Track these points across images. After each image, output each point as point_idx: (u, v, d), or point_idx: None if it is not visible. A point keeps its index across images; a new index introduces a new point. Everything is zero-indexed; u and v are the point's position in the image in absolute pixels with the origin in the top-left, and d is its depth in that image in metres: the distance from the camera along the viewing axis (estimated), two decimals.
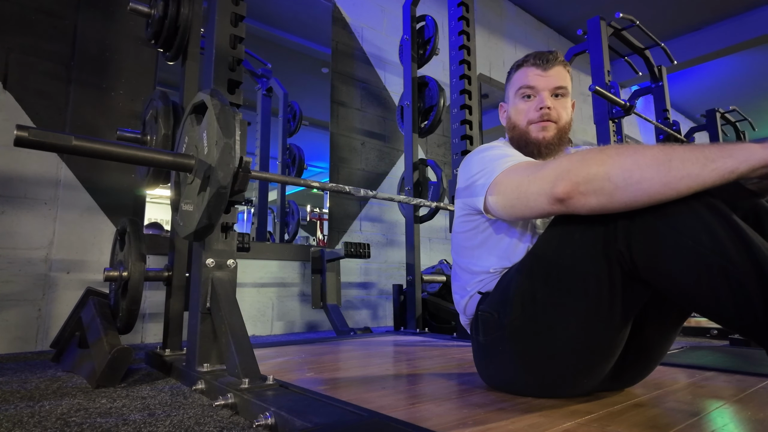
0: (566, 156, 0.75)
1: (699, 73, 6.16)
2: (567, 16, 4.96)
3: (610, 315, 0.76)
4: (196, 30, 1.61)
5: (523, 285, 0.85)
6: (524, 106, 1.03)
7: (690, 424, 0.73)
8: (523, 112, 1.03)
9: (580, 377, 0.84)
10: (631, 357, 0.88)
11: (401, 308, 2.43)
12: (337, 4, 3.21)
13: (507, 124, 1.09)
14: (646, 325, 0.86)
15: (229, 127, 1.03)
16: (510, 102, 1.08)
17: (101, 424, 0.90)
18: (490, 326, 0.91)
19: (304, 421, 0.77)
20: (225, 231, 1.28)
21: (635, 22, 2.75)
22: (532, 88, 1.02)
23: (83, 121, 2.03)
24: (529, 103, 1.03)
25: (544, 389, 0.89)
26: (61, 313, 1.87)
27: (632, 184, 0.65)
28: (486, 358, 0.95)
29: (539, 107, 1.00)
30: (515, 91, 1.05)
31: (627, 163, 0.66)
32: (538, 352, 0.83)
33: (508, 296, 0.87)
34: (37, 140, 0.90)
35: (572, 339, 0.79)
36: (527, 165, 0.84)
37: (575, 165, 0.71)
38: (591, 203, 0.70)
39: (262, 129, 3.34)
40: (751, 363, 1.31)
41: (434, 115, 2.51)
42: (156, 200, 3.73)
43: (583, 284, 0.76)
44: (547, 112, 1.00)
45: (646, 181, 0.64)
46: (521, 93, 1.03)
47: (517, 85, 1.04)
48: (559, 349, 0.81)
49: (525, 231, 0.96)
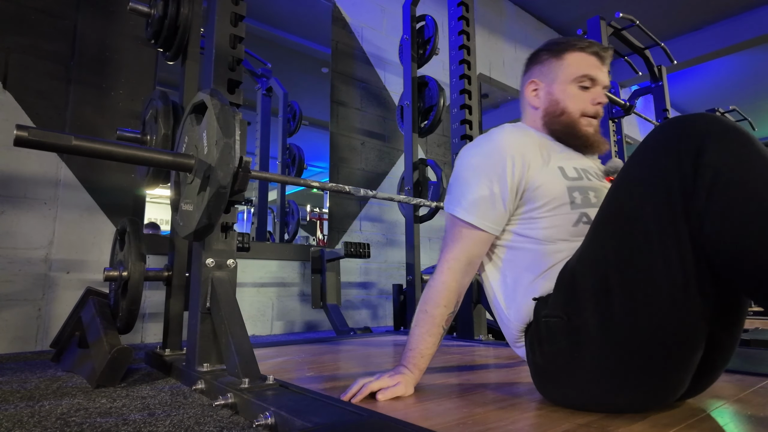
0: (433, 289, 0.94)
1: (699, 73, 6.16)
2: (567, 16, 4.96)
3: (688, 293, 0.66)
4: (196, 30, 1.61)
5: (591, 274, 0.74)
6: (580, 93, 0.98)
7: (690, 424, 0.73)
8: (580, 100, 0.98)
9: (672, 378, 0.72)
10: (707, 355, 0.74)
11: (401, 308, 2.43)
12: (337, 4, 3.21)
13: (547, 105, 1.00)
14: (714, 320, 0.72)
15: (229, 127, 1.03)
16: (558, 83, 1.00)
17: (101, 423, 0.90)
18: (559, 333, 0.78)
19: (304, 421, 0.77)
20: (225, 231, 1.28)
21: (635, 22, 2.75)
22: (594, 80, 0.98)
23: (83, 121, 2.03)
24: (586, 93, 0.98)
25: (635, 397, 0.76)
26: (61, 313, 1.87)
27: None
28: (558, 373, 0.81)
29: (596, 101, 0.98)
30: (572, 76, 0.98)
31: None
32: (623, 351, 0.71)
33: (575, 292, 0.76)
34: (37, 140, 0.90)
35: (658, 328, 0.68)
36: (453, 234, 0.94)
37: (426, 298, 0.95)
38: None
39: (262, 129, 3.34)
40: (751, 363, 1.31)
41: (434, 114, 2.51)
42: (156, 200, 3.73)
43: (660, 259, 0.66)
44: (600, 110, 0.98)
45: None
46: (580, 81, 0.98)
47: (575, 70, 0.98)
48: (646, 342, 0.69)
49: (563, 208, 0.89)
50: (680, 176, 0.64)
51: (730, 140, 0.63)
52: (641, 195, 0.69)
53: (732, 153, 0.62)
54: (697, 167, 0.63)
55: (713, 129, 0.64)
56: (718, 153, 0.62)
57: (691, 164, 0.64)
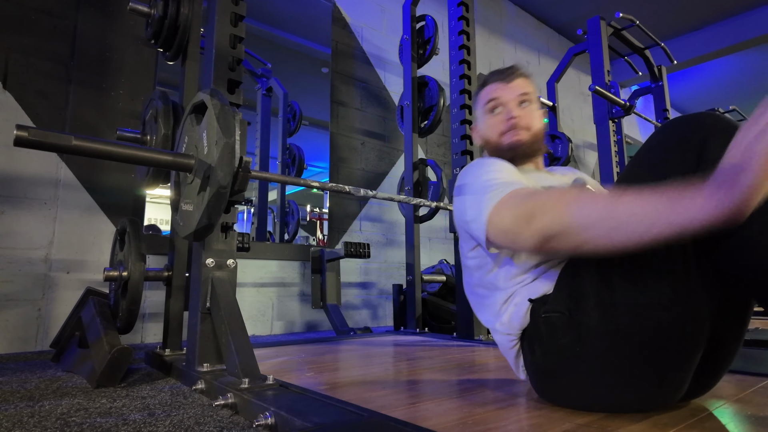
0: (544, 198, 0.73)
1: (699, 73, 6.16)
2: (567, 16, 4.96)
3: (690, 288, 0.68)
4: (196, 30, 1.61)
5: (594, 268, 0.75)
6: (494, 120, 1.04)
7: (690, 424, 0.73)
8: (494, 125, 1.04)
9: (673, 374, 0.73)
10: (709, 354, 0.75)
11: (401, 308, 2.43)
12: (337, 4, 3.21)
13: (481, 143, 1.10)
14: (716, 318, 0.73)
15: (229, 127, 1.03)
16: (480, 120, 1.09)
17: (101, 424, 0.90)
18: (561, 328, 0.78)
19: (304, 421, 0.77)
20: (225, 231, 1.28)
21: (635, 22, 2.76)
22: (497, 99, 1.04)
23: (83, 121, 2.03)
24: (497, 116, 1.04)
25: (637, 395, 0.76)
26: (61, 313, 1.87)
27: (607, 233, 0.64)
28: (559, 370, 0.81)
29: (508, 118, 1.02)
30: (483, 107, 1.07)
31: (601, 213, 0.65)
32: (625, 345, 0.71)
33: (578, 287, 0.77)
34: (37, 140, 0.90)
35: (659, 322, 0.69)
36: (513, 203, 0.79)
37: (545, 211, 0.71)
38: (557, 252, 0.78)
39: (262, 129, 3.33)
40: (751, 363, 1.31)
41: (434, 114, 2.51)
42: (156, 200, 3.73)
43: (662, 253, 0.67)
44: (515, 122, 1.01)
45: (592, 237, 0.65)
46: (488, 107, 1.05)
47: (483, 101, 1.06)
48: (647, 337, 0.70)
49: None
50: (684, 170, 0.66)
51: (732, 136, 0.63)
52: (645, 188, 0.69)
53: None
54: (699, 161, 0.65)
55: (716, 125, 0.67)
56: (720, 148, 0.63)
57: (695, 158, 0.66)
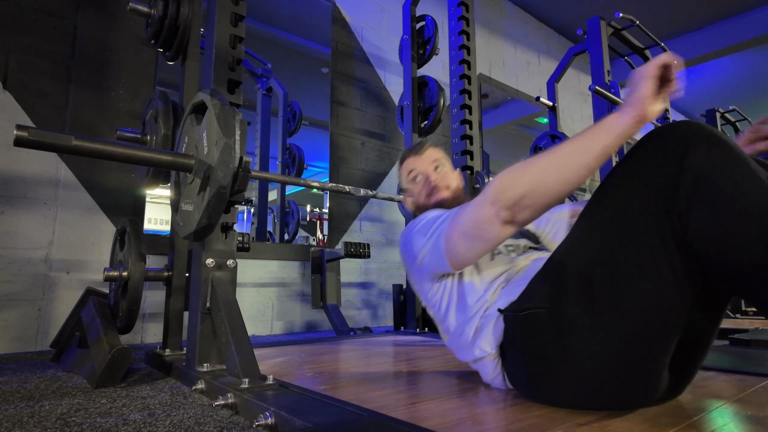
0: (489, 184, 0.84)
1: (699, 73, 6.15)
2: (567, 16, 4.96)
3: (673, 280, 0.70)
4: (196, 30, 1.61)
5: (576, 265, 0.77)
6: (417, 187, 1.23)
7: (690, 423, 0.73)
8: (418, 191, 1.22)
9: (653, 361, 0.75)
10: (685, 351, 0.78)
11: (401, 308, 2.43)
12: (337, 4, 3.21)
13: (413, 208, 1.26)
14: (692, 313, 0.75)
15: (229, 127, 1.03)
16: (407, 191, 1.27)
17: (101, 424, 0.90)
18: (542, 324, 0.80)
19: (304, 421, 0.77)
20: (225, 231, 1.28)
21: (635, 22, 2.75)
22: (415, 170, 1.23)
23: (83, 121, 2.03)
24: (419, 183, 1.22)
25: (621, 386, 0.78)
26: (61, 313, 1.87)
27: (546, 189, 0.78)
28: (545, 368, 0.82)
29: (426, 182, 1.20)
30: (406, 179, 1.26)
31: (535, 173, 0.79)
32: (610, 339, 0.74)
33: (560, 283, 0.79)
34: (37, 140, 0.90)
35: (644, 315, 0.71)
36: (459, 210, 0.92)
37: (503, 188, 0.81)
38: (530, 215, 0.81)
39: (262, 129, 3.33)
40: (751, 363, 1.31)
41: (434, 115, 2.51)
42: (156, 200, 3.73)
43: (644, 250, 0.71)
44: (435, 183, 1.19)
45: (551, 183, 0.77)
46: (410, 178, 1.24)
47: (404, 174, 1.26)
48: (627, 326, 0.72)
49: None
50: (665, 177, 0.70)
51: (712, 145, 0.68)
52: (627, 192, 0.74)
53: (713, 157, 0.67)
54: (680, 169, 0.68)
55: (697, 134, 0.70)
56: (700, 156, 0.67)
57: (675, 166, 0.69)
